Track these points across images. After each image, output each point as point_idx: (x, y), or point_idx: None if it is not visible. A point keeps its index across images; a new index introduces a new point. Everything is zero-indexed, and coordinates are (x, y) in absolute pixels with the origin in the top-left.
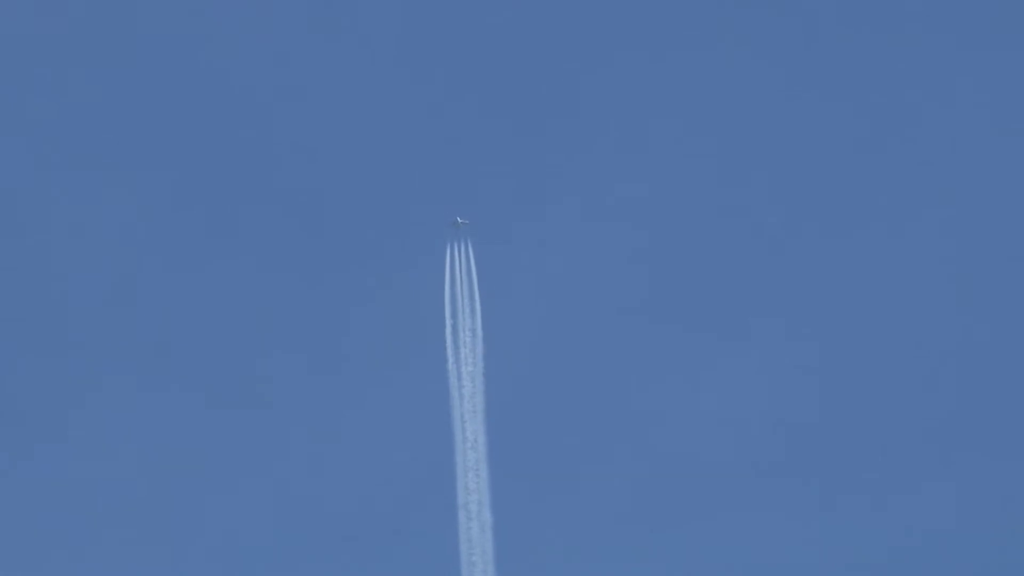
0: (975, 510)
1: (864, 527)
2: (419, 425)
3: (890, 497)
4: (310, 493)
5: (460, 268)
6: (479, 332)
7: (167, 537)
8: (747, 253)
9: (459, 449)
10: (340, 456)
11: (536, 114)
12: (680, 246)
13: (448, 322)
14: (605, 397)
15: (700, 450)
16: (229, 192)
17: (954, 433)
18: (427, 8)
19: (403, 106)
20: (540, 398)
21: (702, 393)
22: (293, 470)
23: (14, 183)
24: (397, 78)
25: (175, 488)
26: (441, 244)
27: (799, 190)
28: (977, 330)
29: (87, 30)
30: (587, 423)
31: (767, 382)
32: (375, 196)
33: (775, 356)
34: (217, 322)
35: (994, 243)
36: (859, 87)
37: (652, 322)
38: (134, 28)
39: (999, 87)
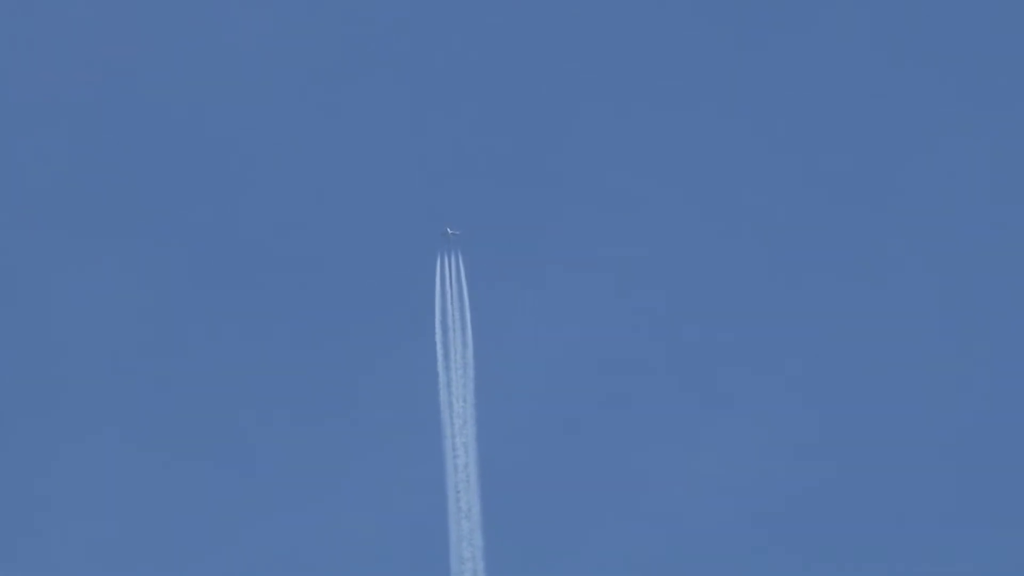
0: None
1: None
2: (413, 493)
3: (893, 566)
4: (302, 562)
5: (453, 312)
6: (471, 399)
7: None
8: (745, 315)
9: (453, 518)
10: (332, 524)
11: (530, 168)
12: (678, 305)
13: (442, 391)
14: (601, 463)
15: (699, 517)
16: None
17: (961, 502)
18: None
19: (401, 142)
20: (535, 466)
21: (701, 458)
22: (283, 539)
23: (9, 253)
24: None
25: (166, 546)
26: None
27: (796, 252)
28: (985, 395)
29: (86, 98)
30: (583, 491)
31: (766, 447)
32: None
33: (774, 420)
34: (207, 376)
35: (1001, 306)
36: (856, 144)
37: (649, 385)
38: (133, 95)
39: (996, 142)
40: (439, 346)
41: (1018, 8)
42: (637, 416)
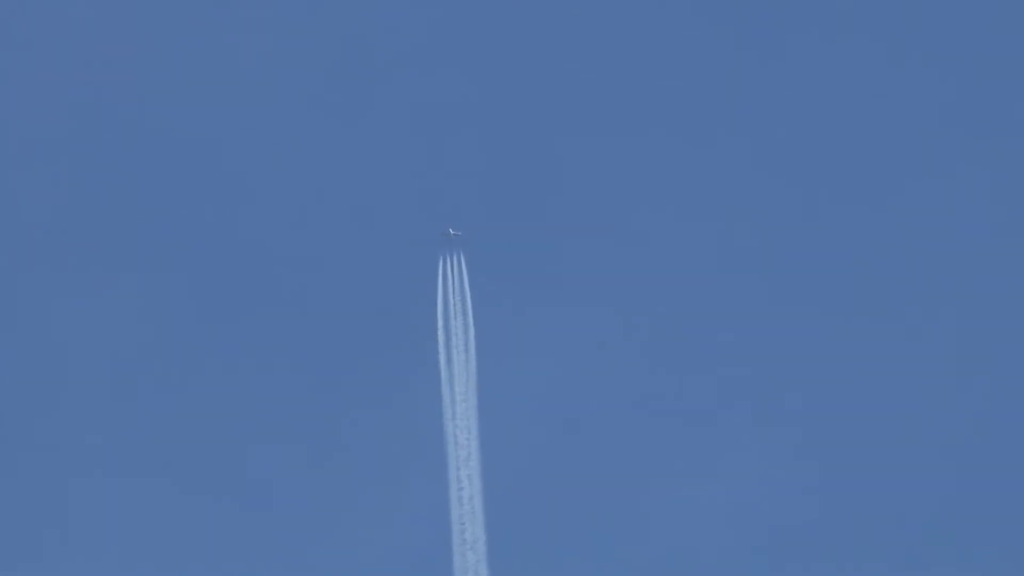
0: None
1: None
2: (417, 524)
3: (894, 567)
4: None
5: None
6: (474, 430)
7: None
8: (745, 318)
9: (458, 549)
10: (336, 557)
11: (532, 170)
12: (682, 309)
13: (447, 423)
14: (610, 489)
15: (705, 546)
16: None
17: (961, 502)
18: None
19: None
20: (540, 496)
21: (707, 488)
22: (285, 570)
23: (9, 281)
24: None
25: None
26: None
27: (797, 254)
28: (985, 395)
29: (86, 127)
30: (591, 522)
31: (767, 448)
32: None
33: (775, 421)
34: (209, 407)
35: (1001, 307)
36: (856, 145)
37: (653, 395)
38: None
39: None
40: (443, 371)
41: (1018, 8)
42: (643, 432)
